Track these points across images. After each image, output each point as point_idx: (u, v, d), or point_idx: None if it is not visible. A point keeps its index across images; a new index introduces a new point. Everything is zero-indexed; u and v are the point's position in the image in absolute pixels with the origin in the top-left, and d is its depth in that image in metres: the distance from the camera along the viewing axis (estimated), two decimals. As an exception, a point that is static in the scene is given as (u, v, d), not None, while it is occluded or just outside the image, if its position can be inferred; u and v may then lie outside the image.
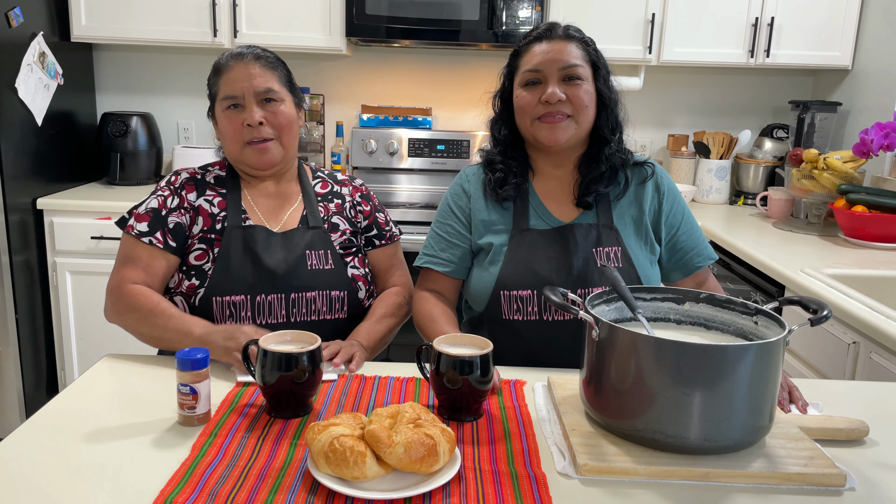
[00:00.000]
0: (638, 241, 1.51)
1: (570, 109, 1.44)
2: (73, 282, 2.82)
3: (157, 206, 1.49)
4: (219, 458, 1.01)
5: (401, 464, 0.95)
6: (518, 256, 1.46)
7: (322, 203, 1.60)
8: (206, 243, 1.48)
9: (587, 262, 1.45)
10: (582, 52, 1.47)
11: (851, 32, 3.03)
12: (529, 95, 1.46)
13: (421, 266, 1.57)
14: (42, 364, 2.87)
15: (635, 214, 1.52)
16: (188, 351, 1.12)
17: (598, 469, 0.99)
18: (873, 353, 1.74)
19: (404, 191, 3.34)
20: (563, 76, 1.44)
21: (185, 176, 1.54)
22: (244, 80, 1.48)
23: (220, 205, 1.52)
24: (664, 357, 1.00)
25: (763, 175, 3.26)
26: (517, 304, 1.44)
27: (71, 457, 1.02)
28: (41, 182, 2.83)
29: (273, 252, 1.48)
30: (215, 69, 1.53)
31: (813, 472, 0.99)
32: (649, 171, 1.55)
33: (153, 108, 3.28)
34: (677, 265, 1.55)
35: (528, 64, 1.47)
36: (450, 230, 1.55)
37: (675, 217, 1.54)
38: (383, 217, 1.69)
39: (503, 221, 1.51)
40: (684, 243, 1.54)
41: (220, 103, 1.51)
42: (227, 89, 1.49)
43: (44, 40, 2.78)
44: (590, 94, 1.47)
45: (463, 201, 1.56)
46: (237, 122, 1.49)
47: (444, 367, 1.14)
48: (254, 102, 1.48)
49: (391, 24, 2.96)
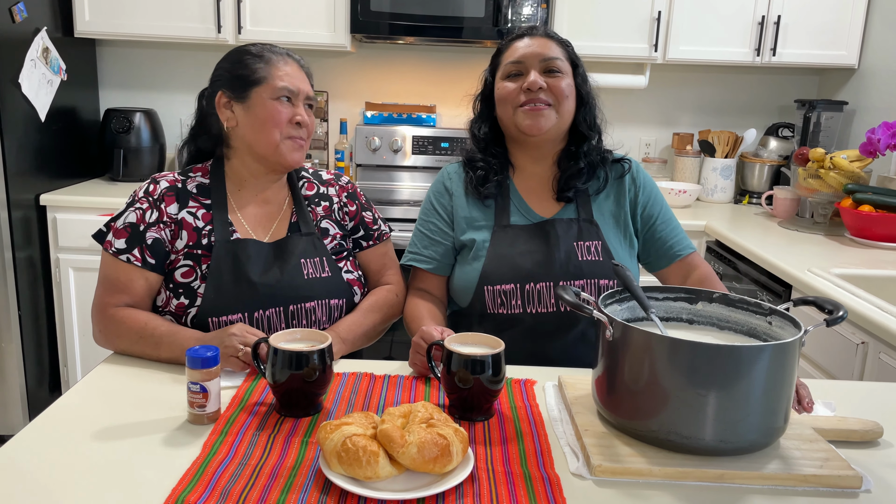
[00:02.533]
0: (617, 234, 1.55)
1: (551, 98, 1.49)
2: (75, 278, 2.81)
3: (134, 221, 1.41)
4: (230, 457, 1.00)
5: (414, 464, 0.94)
6: (500, 252, 1.49)
7: (310, 207, 1.54)
8: (193, 259, 1.41)
9: (569, 256, 1.48)
10: (561, 50, 1.52)
11: (858, 31, 3.01)
12: (511, 85, 1.50)
13: (406, 264, 1.59)
14: (45, 361, 2.86)
15: (613, 209, 1.56)
16: (198, 349, 1.11)
17: (612, 470, 0.98)
18: (882, 354, 1.73)
19: (408, 188, 3.33)
20: (543, 68, 1.49)
21: (165, 185, 1.44)
22: (300, 80, 1.47)
23: (205, 217, 1.44)
24: (679, 357, 0.99)
25: (768, 174, 3.25)
26: (501, 298, 1.47)
27: (80, 456, 1.01)
28: (44, 178, 2.82)
29: (267, 265, 1.42)
30: (261, 56, 1.45)
31: (829, 473, 0.98)
32: (626, 167, 1.59)
33: (156, 105, 3.27)
34: (656, 255, 1.59)
35: (510, 57, 1.52)
36: (433, 227, 1.58)
37: (653, 208, 1.58)
38: (371, 216, 1.62)
39: (485, 218, 1.54)
40: (661, 233, 1.57)
41: (268, 89, 1.42)
42: (285, 80, 1.43)
43: (47, 36, 2.76)
44: (570, 86, 1.51)
45: (445, 199, 1.58)
46: (288, 114, 1.44)
47: (455, 366, 1.13)
48: (302, 104, 1.47)
49: (396, 21, 2.95)
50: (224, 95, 1.46)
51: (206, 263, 1.41)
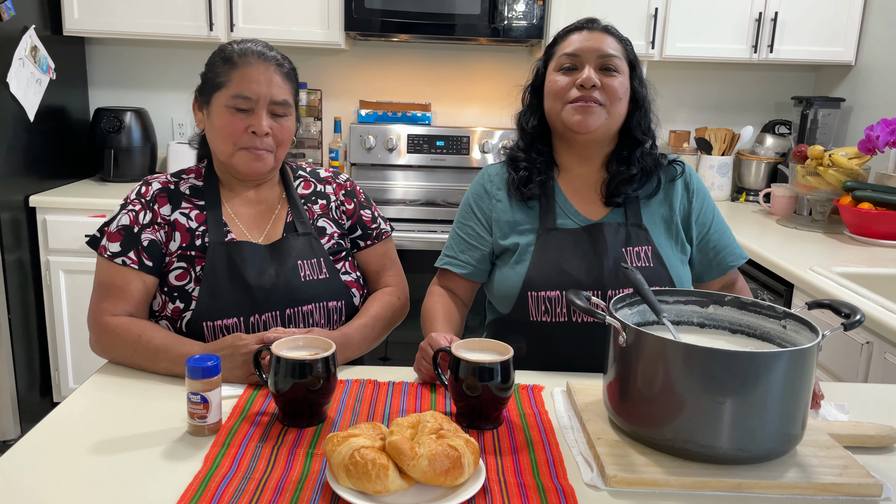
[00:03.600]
0: (668, 240, 1.47)
1: (603, 98, 1.41)
2: (66, 281, 2.76)
3: (128, 223, 1.37)
4: (233, 471, 0.97)
5: (425, 477, 0.91)
6: (546, 256, 1.42)
7: (306, 205, 1.49)
8: (187, 261, 1.37)
9: (617, 262, 1.41)
10: (620, 48, 1.45)
11: (855, 28, 3.00)
12: (564, 78, 1.43)
13: (441, 268, 1.54)
14: (35, 365, 2.81)
15: (665, 213, 1.49)
16: (198, 358, 1.07)
17: (627, 481, 0.96)
18: (888, 354, 1.72)
19: (403, 187, 3.30)
20: (600, 65, 1.42)
21: (157, 187, 1.41)
22: (264, 84, 1.36)
23: (198, 218, 1.40)
24: (696, 364, 0.97)
25: (765, 171, 3.24)
26: (545, 305, 1.40)
27: (78, 470, 0.97)
28: (33, 179, 2.76)
29: (262, 267, 1.37)
30: (228, 58, 1.38)
31: (848, 481, 0.96)
32: (679, 170, 1.52)
33: (147, 104, 3.22)
34: (710, 265, 1.51)
35: (565, 49, 1.44)
36: (470, 231, 1.51)
37: (706, 216, 1.51)
38: (369, 214, 1.56)
39: (529, 221, 1.47)
40: (716, 242, 1.51)
41: (224, 96, 1.36)
42: (241, 87, 1.35)
43: (35, 34, 2.71)
44: (625, 87, 1.43)
45: (485, 202, 1.52)
46: (240, 125, 1.36)
47: (463, 373, 1.10)
48: (265, 110, 1.36)
49: (391, 18, 2.91)
50: (196, 98, 1.44)
51: (200, 265, 1.37)
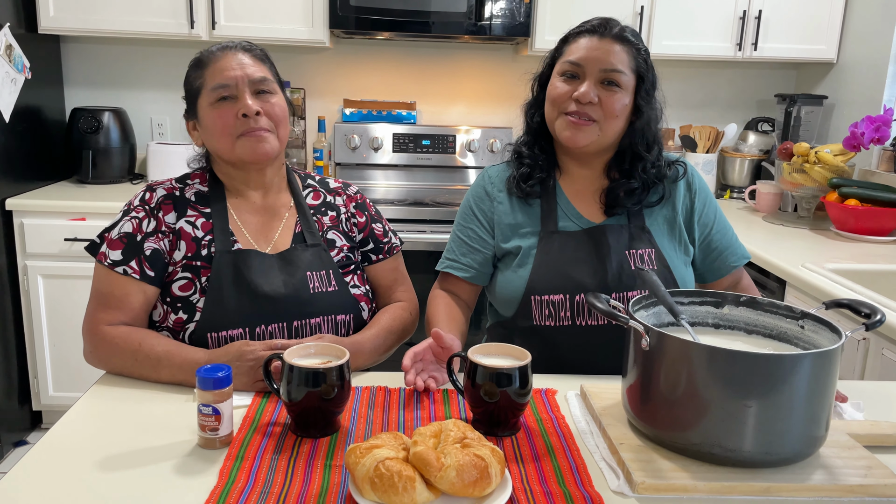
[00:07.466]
0: (672, 241, 1.46)
1: (597, 115, 1.37)
2: (45, 286, 2.68)
3: (131, 231, 1.32)
4: (250, 485, 0.94)
5: (452, 488, 0.88)
6: (548, 259, 1.40)
7: (315, 216, 1.45)
8: (192, 271, 1.33)
9: (621, 265, 1.39)
10: (629, 60, 1.39)
11: (837, 26, 3.03)
12: (563, 86, 1.39)
13: (441, 270, 1.51)
14: (14, 373, 2.72)
15: (668, 214, 1.47)
16: (209, 368, 1.03)
17: (655, 487, 0.94)
18: (885, 350, 1.73)
19: (389, 187, 3.26)
20: (601, 78, 1.37)
21: (162, 193, 1.37)
22: (236, 68, 1.33)
23: (205, 227, 1.36)
24: (720, 367, 0.96)
25: (749, 169, 3.26)
26: (549, 309, 1.38)
27: (86, 490, 0.93)
28: (9, 181, 2.67)
29: (270, 277, 1.33)
30: (197, 63, 1.37)
31: (874, 483, 0.95)
32: (681, 171, 1.50)
33: (125, 103, 3.14)
34: (713, 265, 1.50)
35: (571, 55, 1.40)
36: (471, 234, 1.49)
37: (708, 216, 1.49)
38: (381, 227, 1.53)
39: (530, 223, 1.45)
40: (718, 242, 1.49)
41: (207, 96, 1.34)
42: (217, 79, 1.32)
43: (10, 32, 2.62)
44: (624, 104, 1.38)
45: (486, 204, 1.49)
46: (229, 114, 1.32)
47: (480, 379, 1.08)
48: (248, 92, 1.33)
49: (376, 16, 2.87)
50: (186, 120, 1.43)
51: (206, 276, 1.32)
